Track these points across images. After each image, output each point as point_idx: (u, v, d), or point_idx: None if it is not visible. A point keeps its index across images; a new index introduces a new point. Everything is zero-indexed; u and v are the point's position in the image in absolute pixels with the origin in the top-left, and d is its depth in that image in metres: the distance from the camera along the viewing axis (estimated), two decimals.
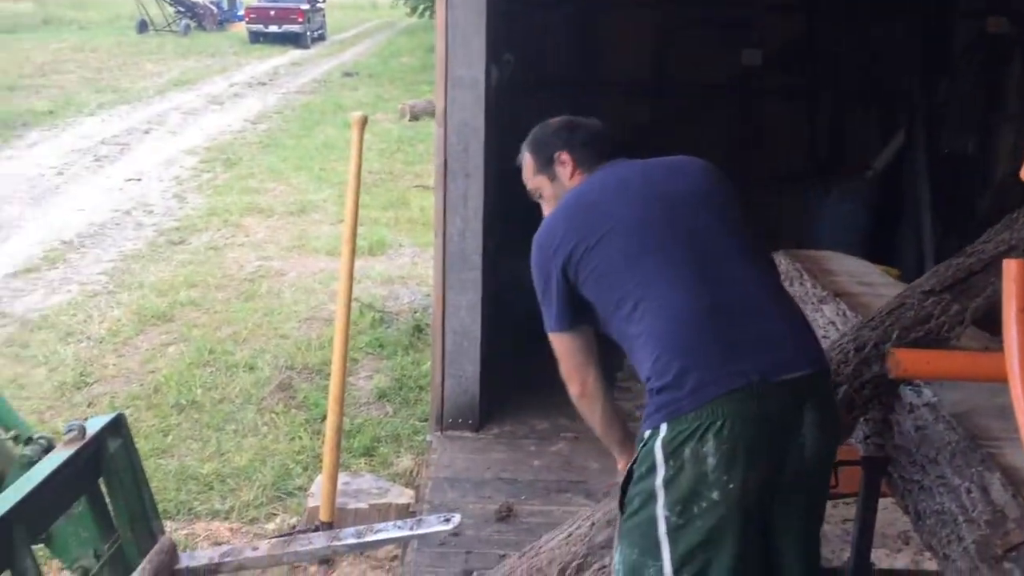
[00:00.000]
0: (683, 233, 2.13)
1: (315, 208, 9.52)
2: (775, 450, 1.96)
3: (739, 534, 1.92)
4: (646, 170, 2.30)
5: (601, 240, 2.14)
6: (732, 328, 2.01)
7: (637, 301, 2.07)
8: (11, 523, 2.30)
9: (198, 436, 4.76)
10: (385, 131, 13.58)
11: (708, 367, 1.95)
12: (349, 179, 4.42)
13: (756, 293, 2.09)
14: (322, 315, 6.49)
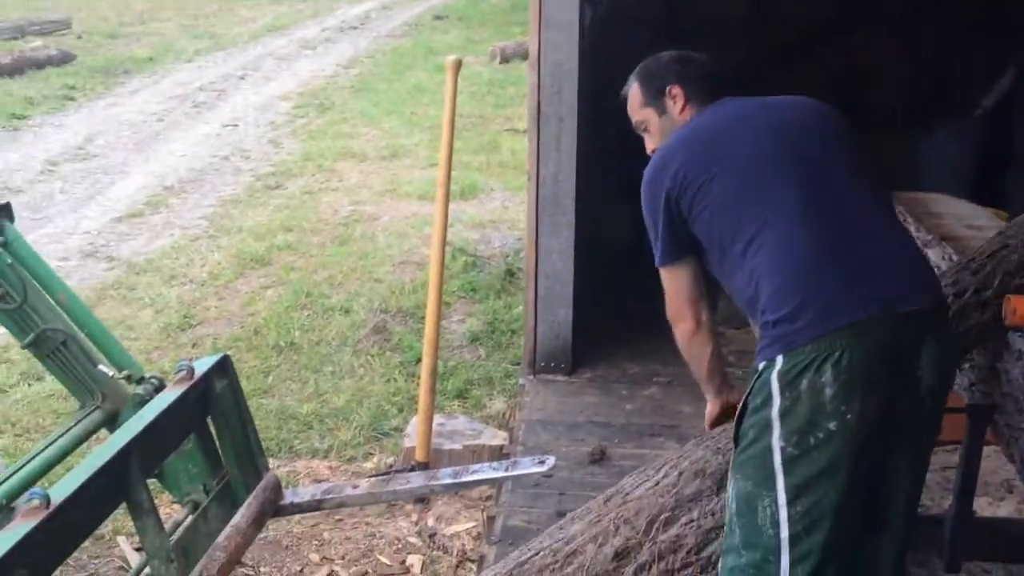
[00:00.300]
0: (802, 167, 2.12)
1: (406, 153, 9.57)
2: (892, 384, 1.95)
3: (852, 467, 1.93)
4: (763, 106, 2.28)
5: (717, 176, 2.13)
6: (851, 260, 2.01)
7: (753, 235, 2.06)
8: (128, 458, 2.40)
9: (297, 377, 4.89)
10: (476, 74, 13.52)
11: (827, 299, 1.95)
12: (443, 123, 4.46)
13: (875, 226, 2.08)
14: (415, 259, 6.56)
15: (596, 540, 2.24)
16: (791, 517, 1.94)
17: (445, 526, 3.66)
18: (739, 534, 2.01)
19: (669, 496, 2.30)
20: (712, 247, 2.17)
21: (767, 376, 1.96)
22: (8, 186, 8.19)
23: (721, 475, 2.30)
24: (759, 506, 1.97)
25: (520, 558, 2.34)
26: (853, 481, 1.94)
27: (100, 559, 3.46)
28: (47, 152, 9.37)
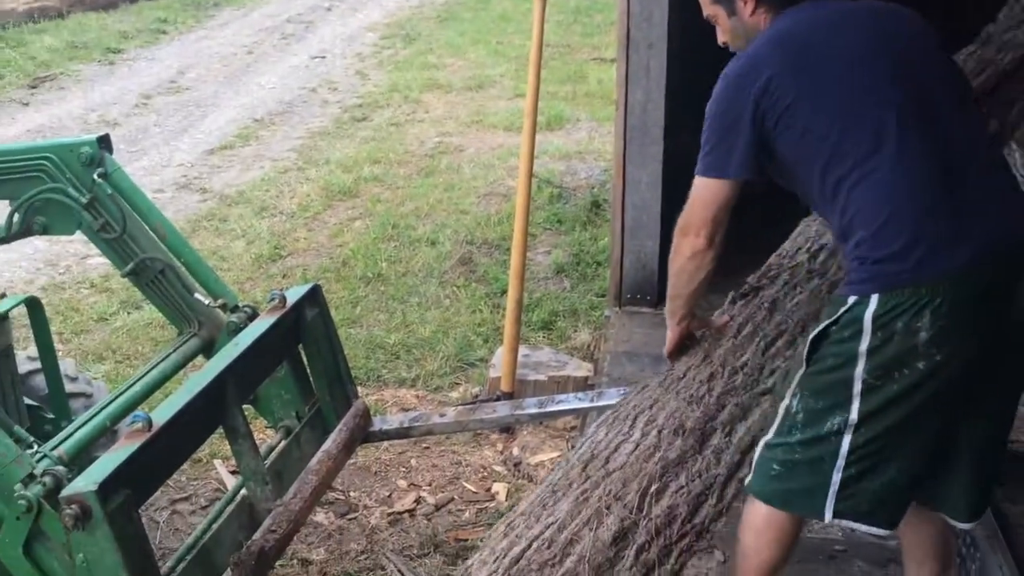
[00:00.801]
0: (905, 91, 1.99)
1: (492, 83, 9.52)
2: (989, 325, 1.92)
3: (934, 393, 1.92)
4: (858, 15, 2.11)
5: (813, 93, 2.00)
6: (959, 197, 1.93)
7: (854, 166, 1.96)
8: (224, 384, 2.48)
9: (384, 307, 4.96)
10: (562, 2, 13.30)
11: (936, 240, 1.89)
12: (530, 52, 4.41)
13: (977, 158, 2.00)
14: (500, 191, 6.56)
15: (590, 524, 2.09)
16: (856, 432, 1.97)
17: (530, 455, 3.71)
18: (799, 436, 2.03)
19: (654, 463, 2.18)
20: (798, 169, 2.07)
21: (859, 313, 1.93)
22: (105, 119, 8.41)
23: (702, 431, 2.22)
24: (828, 420, 1.99)
25: (511, 551, 2.11)
26: (930, 404, 1.93)
27: (198, 481, 3.60)
28: (141, 86, 9.57)
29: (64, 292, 5.24)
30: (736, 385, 2.31)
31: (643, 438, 2.25)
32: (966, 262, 1.87)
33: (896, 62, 2.03)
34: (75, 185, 2.78)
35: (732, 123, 2.05)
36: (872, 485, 1.99)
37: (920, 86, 2.01)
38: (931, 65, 2.08)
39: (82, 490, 1.95)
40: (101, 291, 5.22)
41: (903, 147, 1.94)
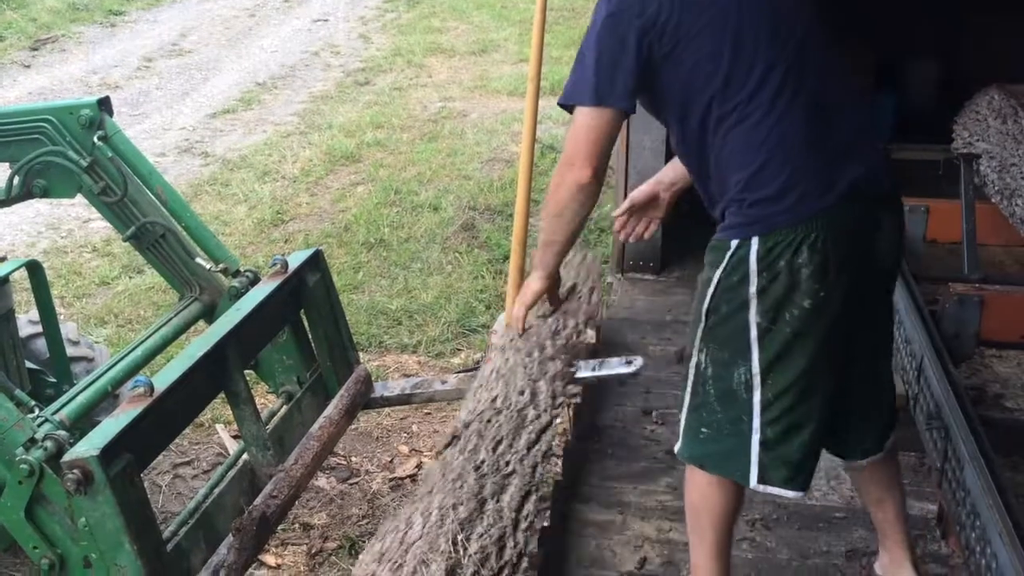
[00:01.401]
0: (788, 32, 2.01)
1: (496, 47, 9.45)
2: (860, 261, 2.01)
3: (822, 337, 2.00)
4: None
5: (705, 27, 1.97)
6: (828, 144, 1.99)
7: (740, 102, 1.97)
8: (225, 349, 2.47)
9: (386, 273, 4.95)
10: None
11: (807, 182, 1.97)
12: (535, 15, 4.35)
13: (848, 107, 2.06)
14: (503, 156, 6.53)
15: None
16: (764, 384, 2.03)
17: None
18: (714, 393, 2.09)
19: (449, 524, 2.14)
20: (676, 104, 2.05)
21: (744, 254, 1.98)
22: (107, 82, 8.37)
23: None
24: (735, 372, 2.05)
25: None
26: (822, 351, 2.01)
27: (200, 445, 3.61)
28: (143, 48, 9.52)
29: (66, 256, 5.23)
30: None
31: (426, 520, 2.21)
32: (836, 201, 1.95)
33: (778, 7, 2.03)
34: (75, 148, 2.76)
35: (617, 46, 2.00)
36: (790, 449, 2.06)
37: (801, 32, 2.03)
38: (810, 9, 2.09)
39: (84, 455, 1.95)
40: (103, 255, 5.21)
41: (781, 92, 1.97)
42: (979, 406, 2.98)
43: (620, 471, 3.08)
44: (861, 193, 1.97)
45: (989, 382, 3.35)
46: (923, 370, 2.88)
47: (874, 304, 2.14)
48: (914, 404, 2.94)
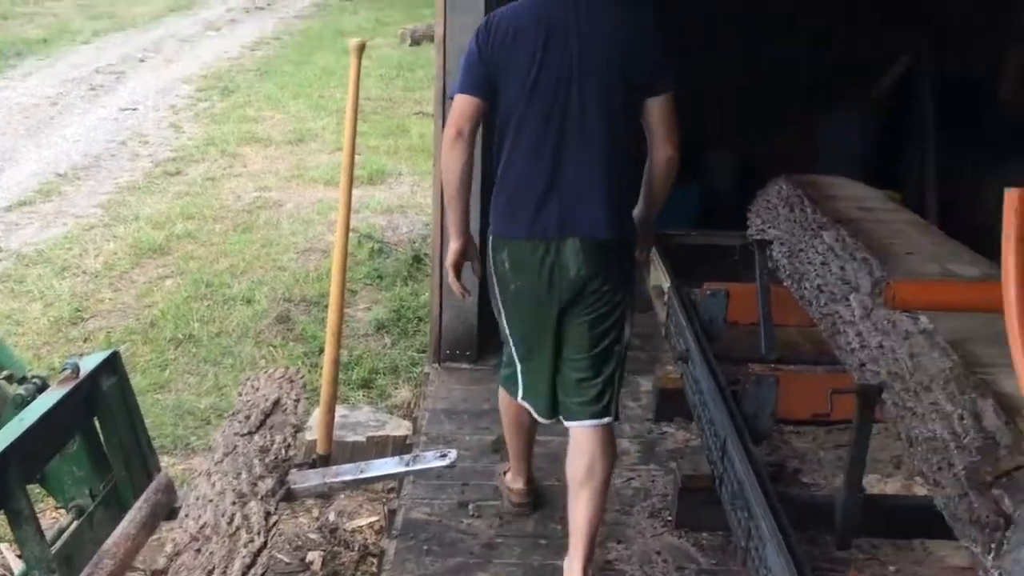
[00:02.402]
0: (561, 103, 2.69)
1: (313, 137, 9.41)
2: (550, 275, 2.76)
3: (530, 317, 2.85)
4: (577, 25, 2.68)
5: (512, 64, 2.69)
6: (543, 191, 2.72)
7: (512, 140, 2.75)
8: (5, 463, 2.30)
9: (195, 370, 4.76)
10: (385, 56, 13.36)
11: (516, 216, 2.76)
12: (347, 107, 4.36)
13: (583, 175, 2.73)
14: (320, 246, 6.45)
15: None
16: (513, 344, 2.93)
17: (347, 520, 3.60)
18: (504, 332, 2.96)
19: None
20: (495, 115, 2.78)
21: (489, 249, 2.87)
22: None
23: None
24: (502, 324, 2.94)
25: None
26: (533, 327, 2.86)
27: None
28: None
29: None
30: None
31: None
32: (531, 234, 2.74)
33: (571, 75, 2.68)
34: None
35: (474, 56, 2.73)
36: (528, 381, 2.93)
37: (574, 104, 2.69)
38: (597, 88, 2.69)
39: None
40: None
41: (536, 147, 2.71)
42: (778, 483, 3.10)
43: (436, 568, 3.01)
44: (546, 237, 2.73)
45: (788, 458, 3.50)
46: (726, 450, 2.97)
47: (576, 312, 2.82)
48: (720, 484, 3.02)
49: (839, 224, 3.41)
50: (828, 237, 3.39)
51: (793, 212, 3.86)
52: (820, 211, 3.63)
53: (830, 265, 3.27)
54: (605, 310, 2.82)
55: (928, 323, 2.51)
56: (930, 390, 2.35)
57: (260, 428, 2.98)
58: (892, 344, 2.64)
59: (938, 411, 2.27)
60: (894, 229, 3.47)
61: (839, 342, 3.05)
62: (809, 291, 3.44)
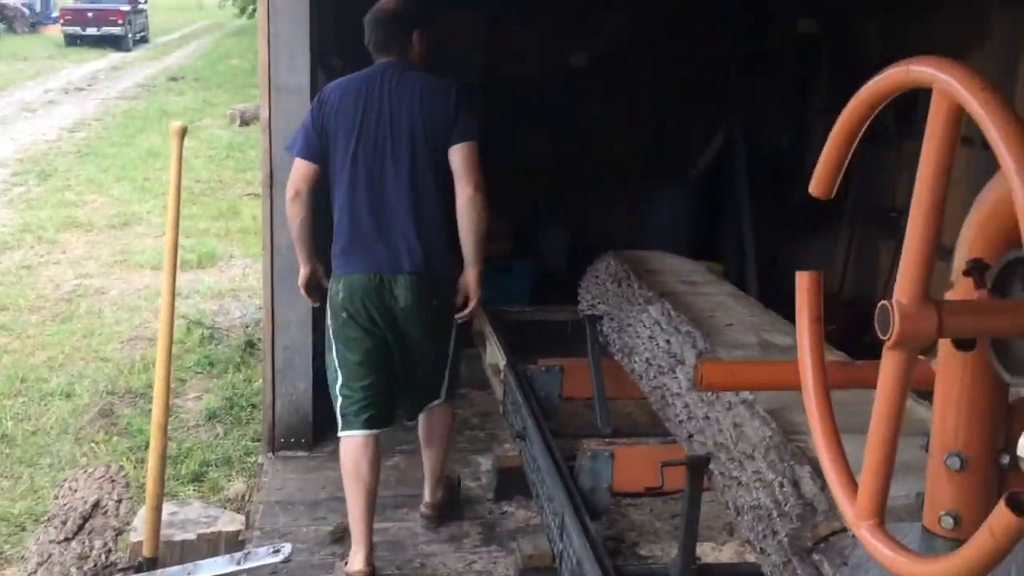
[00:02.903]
0: (377, 160, 3.21)
1: (139, 220, 9.12)
2: (379, 306, 3.24)
3: (361, 341, 3.28)
4: (391, 93, 3.23)
5: (340, 128, 3.22)
6: (377, 234, 3.22)
7: (343, 194, 3.24)
8: None
9: (9, 473, 4.44)
10: (214, 137, 13.15)
11: (352, 256, 3.25)
12: (170, 192, 4.24)
13: (396, 216, 3.22)
14: (147, 334, 6.20)
15: None
16: (338, 360, 3.33)
17: None
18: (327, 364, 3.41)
19: None
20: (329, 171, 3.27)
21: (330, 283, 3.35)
22: None
23: None
24: (329, 354, 3.37)
25: None
26: (367, 351, 3.29)
27: None
28: None
29: None
30: None
31: None
32: (359, 271, 3.24)
33: (384, 136, 3.21)
34: None
35: (311, 124, 3.27)
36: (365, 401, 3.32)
37: (388, 159, 3.21)
38: (411, 148, 3.22)
39: None
40: None
41: (359, 198, 3.22)
42: (617, 557, 3.13)
43: None
44: (370, 272, 3.22)
45: (626, 531, 3.54)
46: (565, 527, 2.97)
47: (406, 338, 3.31)
48: (560, 562, 3.02)
49: (664, 298, 3.53)
50: (654, 311, 3.50)
51: (620, 287, 3.97)
52: (646, 286, 3.74)
53: (657, 339, 3.37)
54: (435, 333, 3.38)
55: (749, 394, 2.61)
56: (753, 459, 2.44)
57: (78, 533, 2.81)
58: (717, 415, 2.73)
59: (761, 479, 2.35)
60: (715, 301, 3.62)
61: (668, 414, 3.13)
62: (639, 364, 3.53)
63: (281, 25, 4.09)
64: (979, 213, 1.19)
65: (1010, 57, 4.76)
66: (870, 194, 6.02)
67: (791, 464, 2.25)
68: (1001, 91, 0.96)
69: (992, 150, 0.96)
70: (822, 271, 1.29)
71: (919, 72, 1.02)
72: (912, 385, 1.34)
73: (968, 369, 1.20)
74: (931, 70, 1.00)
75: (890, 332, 1.06)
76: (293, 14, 4.08)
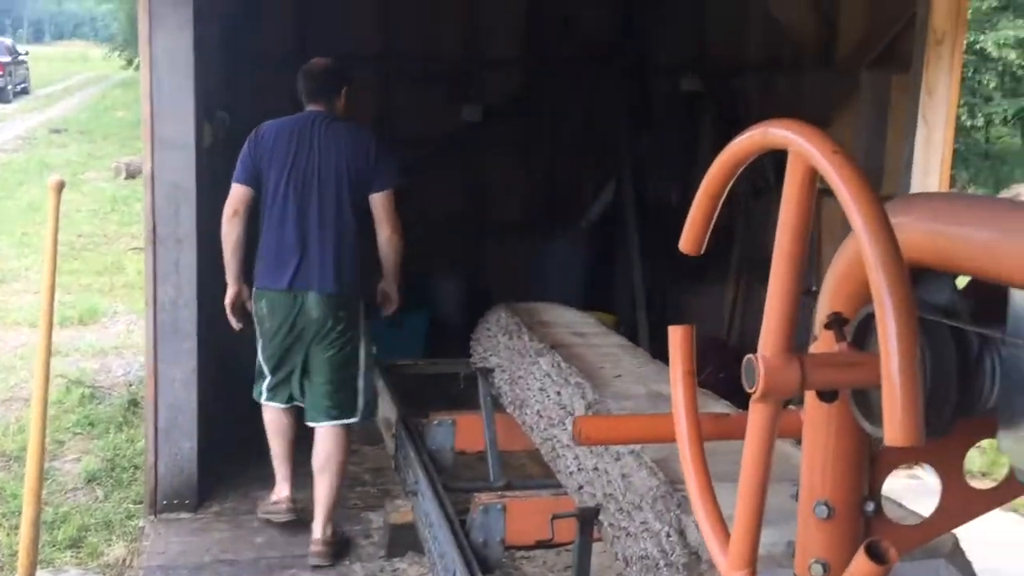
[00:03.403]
0: (304, 194, 3.79)
1: (16, 277, 8.78)
2: (293, 316, 3.82)
3: (278, 346, 3.88)
4: (319, 138, 3.82)
5: (273, 164, 3.80)
6: (292, 259, 3.79)
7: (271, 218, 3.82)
8: None
9: None
10: (98, 190, 12.81)
11: (273, 274, 3.82)
12: (46, 247, 4.11)
13: (312, 241, 3.79)
14: (23, 395, 5.93)
15: None
16: (265, 362, 3.95)
17: None
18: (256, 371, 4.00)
19: None
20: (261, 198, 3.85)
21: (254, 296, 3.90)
22: None
23: None
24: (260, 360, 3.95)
25: None
26: (283, 355, 3.89)
27: None
28: None
29: None
30: None
31: None
32: (277, 288, 3.82)
33: (310, 176, 3.79)
34: None
35: (247, 155, 3.85)
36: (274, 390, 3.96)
37: (312, 193, 3.78)
38: (333, 185, 3.80)
39: None
40: None
41: (282, 222, 3.79)
42: None
43: None
44: (291, 288, 3.79)
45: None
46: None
47: (318, 345, 3.84)
48: None
49: (555, 350, 3.56)
50: (545, 363, 3.52)
51: (512, 340, 3.99)
52: (537, 338, 3.77)
53: (547, 391, 3.39)
54: (340, 343, 3.85)
55: (638, 444, 2.64)
56: (641, 509, 2.46)
57: None
58: (606, 466, 2.75)
59: (648, 529, 2.37)
60: (605, 353, 3.67)
61: (559, 466, 3.15)
62: (530, 417, 3.54)
63: (164, 78, 4.04)
64: (837, 269, 1.24)
65: (879, 114, 5.01)
66: (754, 246, 6.22)
67: (677, 513, 2.28)
68: (851, 155, 1.01)
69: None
70: (694, 325, 1.32)
71: (776, 135, 1.07)
72: (783, 435, 1.38)
73: (832, 420, 1.24)
74: (786, 133, 1.05)
75: (756, 385, 1.09)
76: (176, 68, 4.04)
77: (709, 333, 6.62)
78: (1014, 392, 1.13)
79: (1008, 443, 1.15)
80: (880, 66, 4.95)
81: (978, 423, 1.24)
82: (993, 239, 1.05)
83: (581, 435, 1.95)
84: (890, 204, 1.13)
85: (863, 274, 1.06)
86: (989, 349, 1.19)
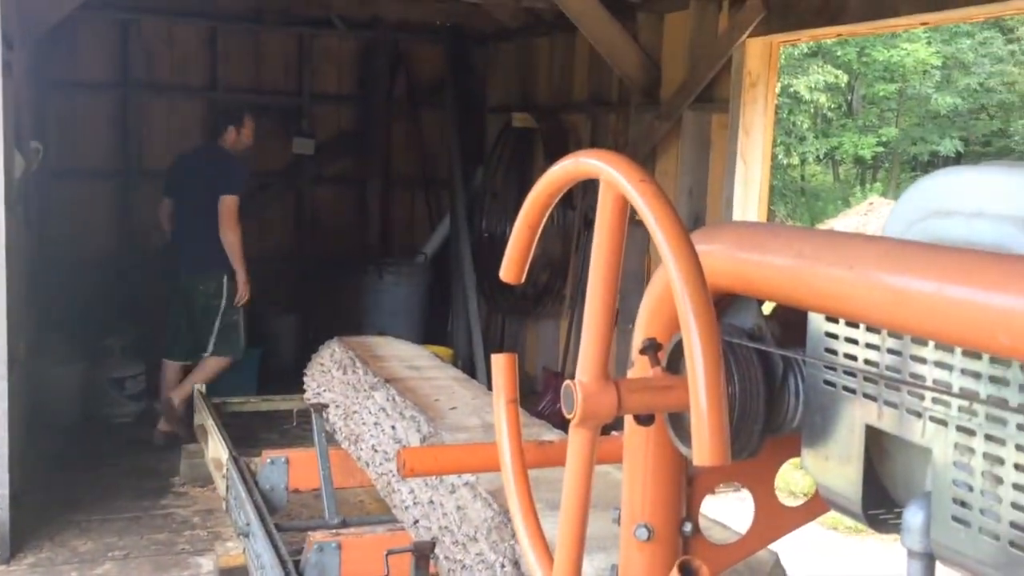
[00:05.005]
0: (188, 198, 5.51)
1: None
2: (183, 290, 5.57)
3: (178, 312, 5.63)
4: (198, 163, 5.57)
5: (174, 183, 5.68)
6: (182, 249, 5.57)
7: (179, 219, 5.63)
8: None
9: None
10: None
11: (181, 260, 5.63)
12: None
13: (193, 236, 5.46)
14: None
15: None
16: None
17: None
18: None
19: None
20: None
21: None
22: None
23: None
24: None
25: None
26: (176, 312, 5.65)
27: None
28: None
29: None
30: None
31: None
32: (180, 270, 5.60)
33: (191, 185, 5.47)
34: None
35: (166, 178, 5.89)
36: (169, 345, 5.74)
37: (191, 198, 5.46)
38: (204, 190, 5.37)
39: None
40: None
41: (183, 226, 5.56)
42: None
43: None
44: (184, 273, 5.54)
45: None
46: None
47: (194, 314, 5.52)
48: None
49: (389, 384, 3.53)
50: (379, 397, 3.49)
51: (346, 374, 3.93)
52: (371, 372, 3.73)
53: (382, 425, 3.36)
54: (202, 307, 5.52)
55: (472, 476, 2.64)
56: (476, 540, 2.46)
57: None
58: (441, 499, 2.74)
59: (483, 561, 2.37)
60: (439, 386, 3.66)
61: (395, 500, 3.11)
62: (366, 452, 3.49)
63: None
64: (652, 295, 1.28)
65: (701, 152, 5.24)
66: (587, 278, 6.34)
67: (511, 543, 2.29)
68: (658, 184, 1.05)
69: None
70: (516, 353, 1.33)
71: (587, 164, 1.10)
72: (607, 460, 1.41)
73: (650, 443, 1.27)
74: (597, 162, 1.08)
75: (574, 411, 1.11)
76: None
77: (546, 365, 6.72)
78: (814, 411, 1.20)
79: (808, 460, 1.21)
80: (701, 106, 5.18)
81: (787, 442, 1.30)
82: (791, 266, 1.11)
83: (405, 467, 1.94)
84: (697, 233, 1.18)
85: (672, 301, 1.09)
86: (793, 370, 1.25)
